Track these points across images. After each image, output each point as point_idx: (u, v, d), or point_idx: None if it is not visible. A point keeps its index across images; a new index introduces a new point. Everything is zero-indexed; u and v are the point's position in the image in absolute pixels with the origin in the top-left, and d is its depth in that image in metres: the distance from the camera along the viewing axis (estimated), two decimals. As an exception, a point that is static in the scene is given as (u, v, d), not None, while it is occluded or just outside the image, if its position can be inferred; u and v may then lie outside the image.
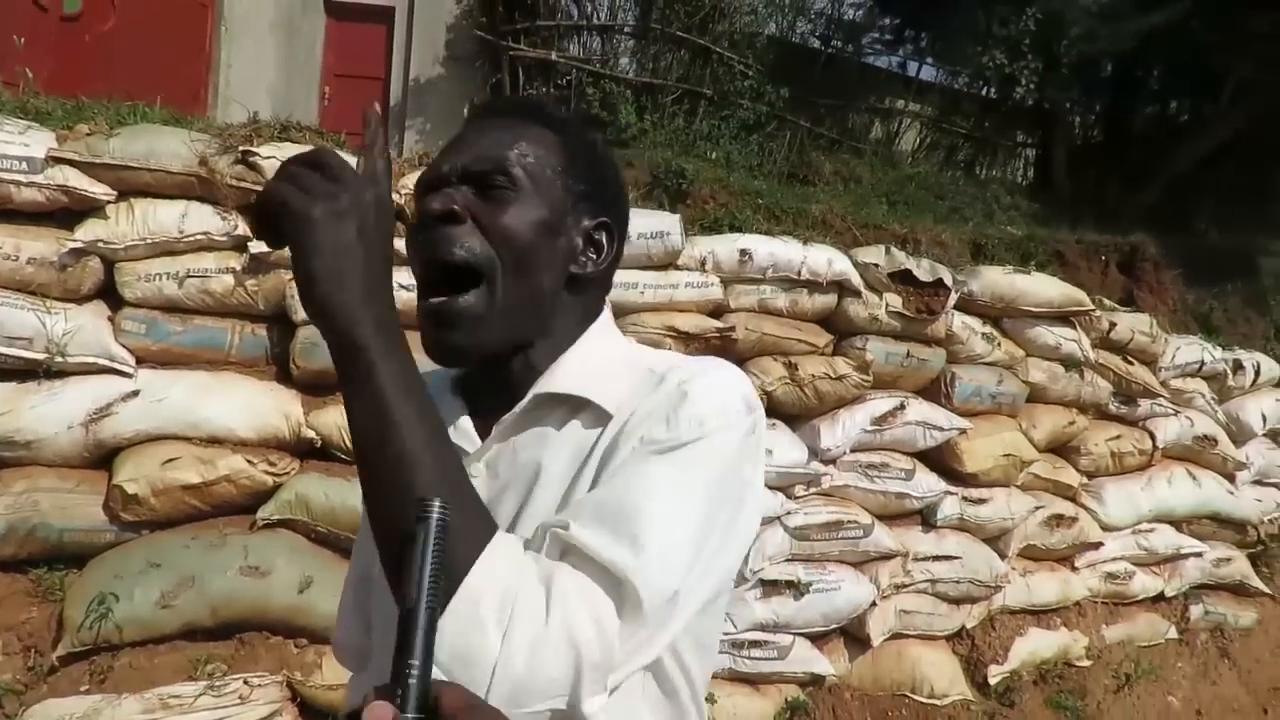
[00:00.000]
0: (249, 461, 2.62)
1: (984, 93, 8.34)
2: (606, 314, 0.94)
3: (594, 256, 0.89)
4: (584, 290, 0.90)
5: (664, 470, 0.76)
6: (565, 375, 0.85)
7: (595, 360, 0.88)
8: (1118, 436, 4.05)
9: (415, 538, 0.60)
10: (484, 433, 0.87)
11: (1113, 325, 4.01)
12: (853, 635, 3.44)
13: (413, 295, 0.86)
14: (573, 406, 0.84)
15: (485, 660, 0.67)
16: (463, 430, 0.88)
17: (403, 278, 2.97)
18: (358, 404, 0.69)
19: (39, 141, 2.57)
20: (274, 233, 0.70)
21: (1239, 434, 4.54)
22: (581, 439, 0.83)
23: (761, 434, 0.84)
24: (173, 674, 2.40)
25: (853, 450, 3.39)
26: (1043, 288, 3.79)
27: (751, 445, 0.82)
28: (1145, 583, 4.14)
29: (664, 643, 0.75)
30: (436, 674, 0.58)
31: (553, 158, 0.87)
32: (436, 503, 0.61)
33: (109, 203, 2.64)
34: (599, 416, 0.83)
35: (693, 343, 3.17)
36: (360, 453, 0.71)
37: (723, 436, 0.79)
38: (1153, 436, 4.16)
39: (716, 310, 3.35)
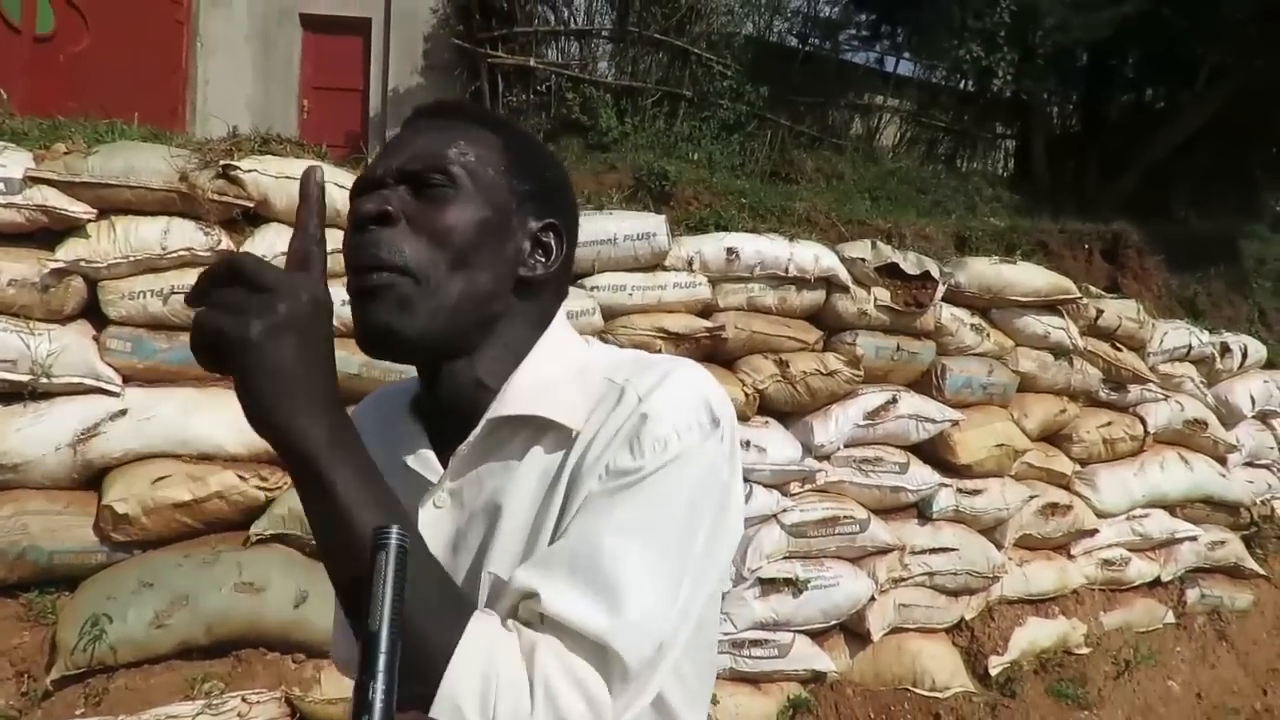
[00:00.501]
0: (240, 477, 2.60)
1: (962, 86, 8.41)
2: (560, 318, 0.89)
3: (543, 259, 0.85)
4: (535, 295, 0.85)
5: (632, 512, 0.73)
6: (519, 395, 0.81)
7: (549, 373, 0.83)
8: (1109, 423, 4.07)
9: (375, 564, 0.61)
10: (445, 460, 0.84)
11: (1100, 312, 4.03)
12: (852, 631, 3.43)
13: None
14: (533, 428, 0.80)
15: None
16: (424, 459, 0.85)
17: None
18: (316, 513, 0.67)
19: (16, 162, 2.54)
20: (214, 360, 0.66)
21: (1228, 417, 4.57)
22: (546, 464, 0.79)
23: (732, 437, 0.80)
24: (169, 694, 2.37)
25: (846, 446, 3.39)
26: (1029, 277, 3.81)
27: (723, 453, 0.78)
28: (1141, 568, 4.16)
29: (655, 688, 0.74)
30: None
31: (494, 157, 0.82)
32: (395, 529, 0.61)
33: (89, 221, 2.61)
34: (561, 434, 0.79)
35: (683, 343, 3.16)
36: (325, 555, 0.69)
37: (690, 457, 0.75)
38: (1144, 422, 4.18)
39: (705, 310, 3.35)
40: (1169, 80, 8.14)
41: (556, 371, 0.83)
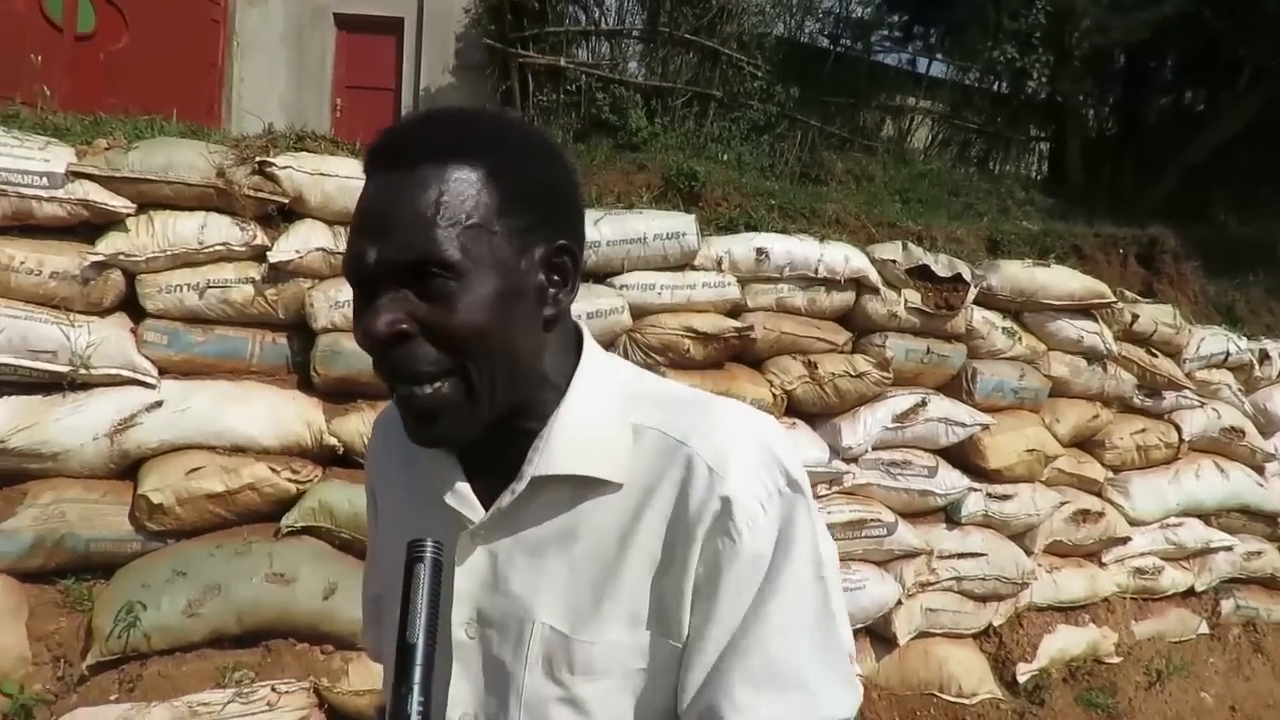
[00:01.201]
0: (272, 469, 2.63)
1: (995, 87, 8.30)
2: (589, 344, 0.85)
3: (560, 284, 0.79)
4: (560, 320, 0.81)
5: (777, 610, 0.75)
6: (565, 450, 0.78)
7: (591, 415, 0.80)
8: (1143, 430, 4.00)
9: (413, 577, 0.63)
10: (482, 495, 0.82)
11: (1135, 317, 3.97)
12: (879, 634, 3.41)
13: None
14: (576, 484, 0.79)
15: None
16: (461, 496, 0.82)
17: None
18: None
19: (59, 157, 2.59)
20: None
21: (1267, 425, 4.48)
22: (596, 518, 0.79)
23: (807, 487, 0.79)
24: (200, 681, 2.40)
25: (874, 448, 3.37)
26: (1063, 281, 3.75)
27: (810, 510, 0.78)
28: (1175, 577, 4.09)
29: None
30: None
31: (483, 202, 0.72)
32: (429, 542, 0.63)
33: (129, 216, 2.65)
34: (608, 486, 0.78)
35: (711, 343, 3.16)
36: None
37: (793, 530, 0.76)
38: (1179, 429, 4.11)
39: (734, 310, 3.34)
40: (1208, 82, 7.99)
41: (597, 415, 0.80)
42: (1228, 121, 7.31)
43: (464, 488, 0.82)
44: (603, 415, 0.80)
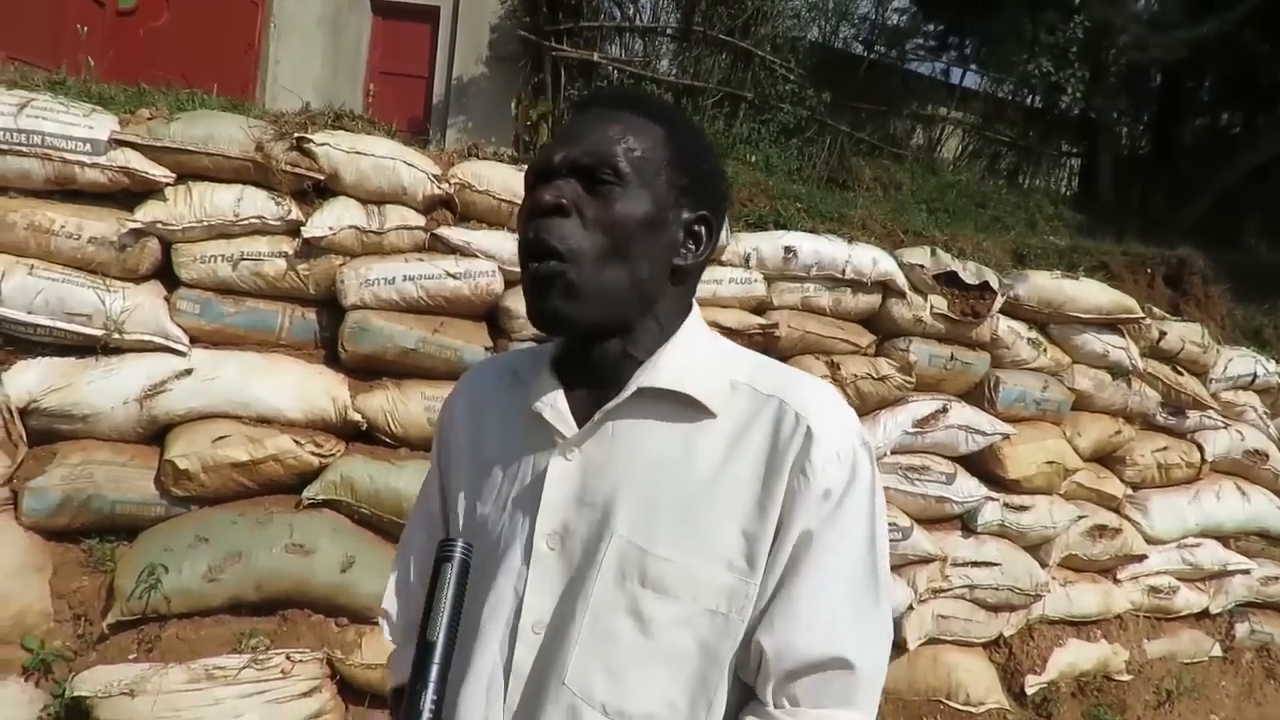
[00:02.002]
0: (296, 442, 2.66)
1: (1029, 101, 8.25)
2: (696, 308, 0.95)
3: (693, 248, 0.90)
4: (684, 280, 0.92)
5: (835, 559, 0.83)
6: (671, 370, 0.87)
7: (697, 356, 0.89)
8: (1165, 448, 3.97)
9: (439, 576, 0.65)
10: (578, 413, 0.89)
11: (1163, 334, 3.94)
12: (888, 639, 3.40)
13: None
14: (675, 403, 0.87)
15: None
16: (560, 413, 0.89)
17: (424, 267, 2.96)
18: None
19: (102, 124, 2.64)
20: None
21: (1290, 450, 4.43)
22: (685, 442, 0.86)
23: (874, 461, 0.88)
24: (217, 646, 2.44)
25: (893, 452, 3.36)
26: (1091, 294, 3.73)
27: (877, 477, 0.87)
28: (1189, 598, 4.05)
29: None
30: None
31: (658, 151, 0.87)
32: (459, 543, 0.64)
33: (168, 185, 2.69)
34: (701, 414, 0.86)
35: (735, 339, 3.15)
36: None
37: (861, 482, 0.84)
38: (1201, 449, 4.07)
39: (760, 307, 3.34)
40: (1246, 104, 7.90)
41: (701, 356, 0.90)
42: (1265, 145, 7.22)
43: (562, 405, 0.90)
44: (704, 359, 0.90)
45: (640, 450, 0.86)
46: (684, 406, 0.87)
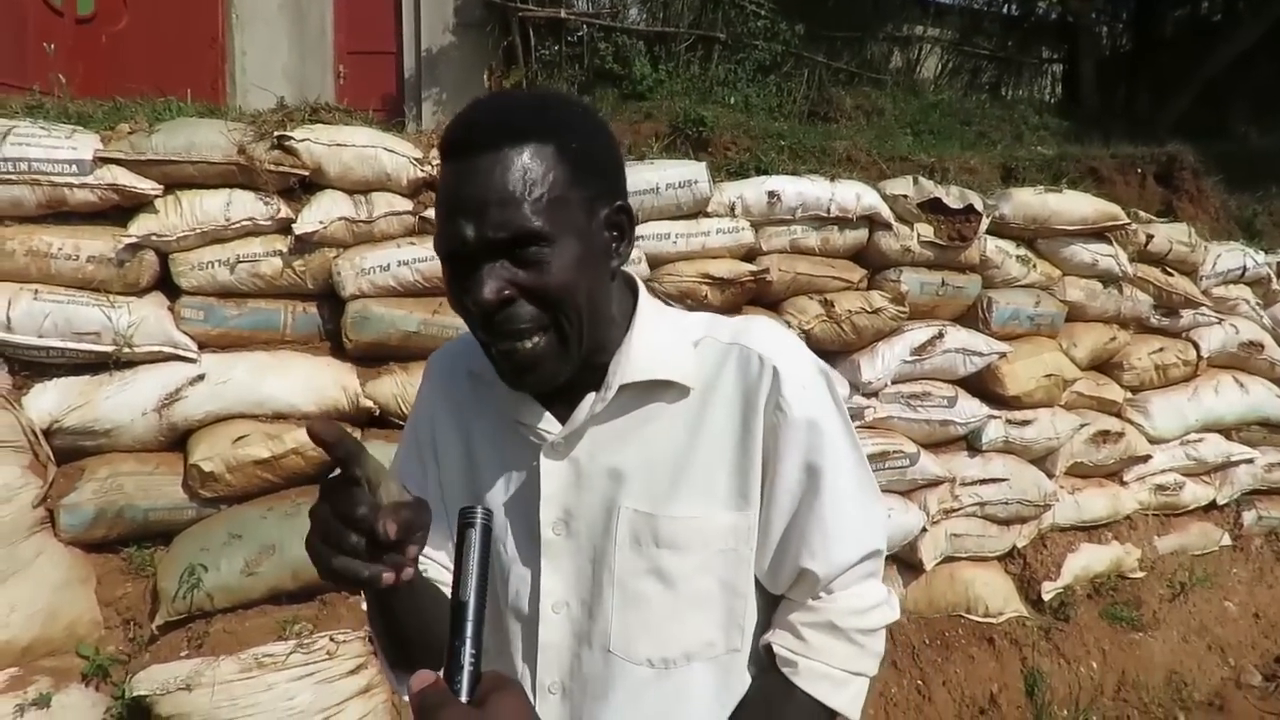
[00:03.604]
0: (313, 434, 2.73)
1: (1005, 10, 8.14)
2: (639, 283, 0.99)
3: (621, 239, 0.91)
4: (622, 268, 0.94)
5: (832, 467, 0.93)
6: (641, 361, 0.92)
7: (659, 339, 0.94)
8: (1161, 349, 4.03)
9: (464, 540, 0.70)
10: (557, 409, 0.94)
11: (1150, 237, 3.97)
12: (905, 561, 3.51)
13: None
14: (650, 387, 0.93)
15: None
16: (539, 416, 0.94)
17: (417, 251, 2.99)
18: None
19: (85, 144, 2.66)
20: None
21: (1286, 337, 4.48)
22: (673, 417, 0.93)
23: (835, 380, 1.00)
24: (264, 635, 2.54)
25: (894, 382, 3.42)
26: (1076, 205, 3.75)
27: (840, 395, 0.98)
28: (1196, 492, 4.15)
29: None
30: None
31: (558, 172, 0.82)
32: (480, 508, 0.71)
33: (157, 197, 2.73)
34: (679, 391, 0.93)
35: (728, 288, 3.21)
36: None
37: (830, 403, 0.95)
38: (1197, 346, 4.13)
39: (749, 254, 3.38)
40: (1224, -9, 7.78)
41: (663, 336, 0.95)
42: (1246, 32, 7.13)
43: (542, 411, 0.95)
44: (665, 336, 0.95)
45: (628, 433, 0.93)
46: (662, 388, 0.93)
